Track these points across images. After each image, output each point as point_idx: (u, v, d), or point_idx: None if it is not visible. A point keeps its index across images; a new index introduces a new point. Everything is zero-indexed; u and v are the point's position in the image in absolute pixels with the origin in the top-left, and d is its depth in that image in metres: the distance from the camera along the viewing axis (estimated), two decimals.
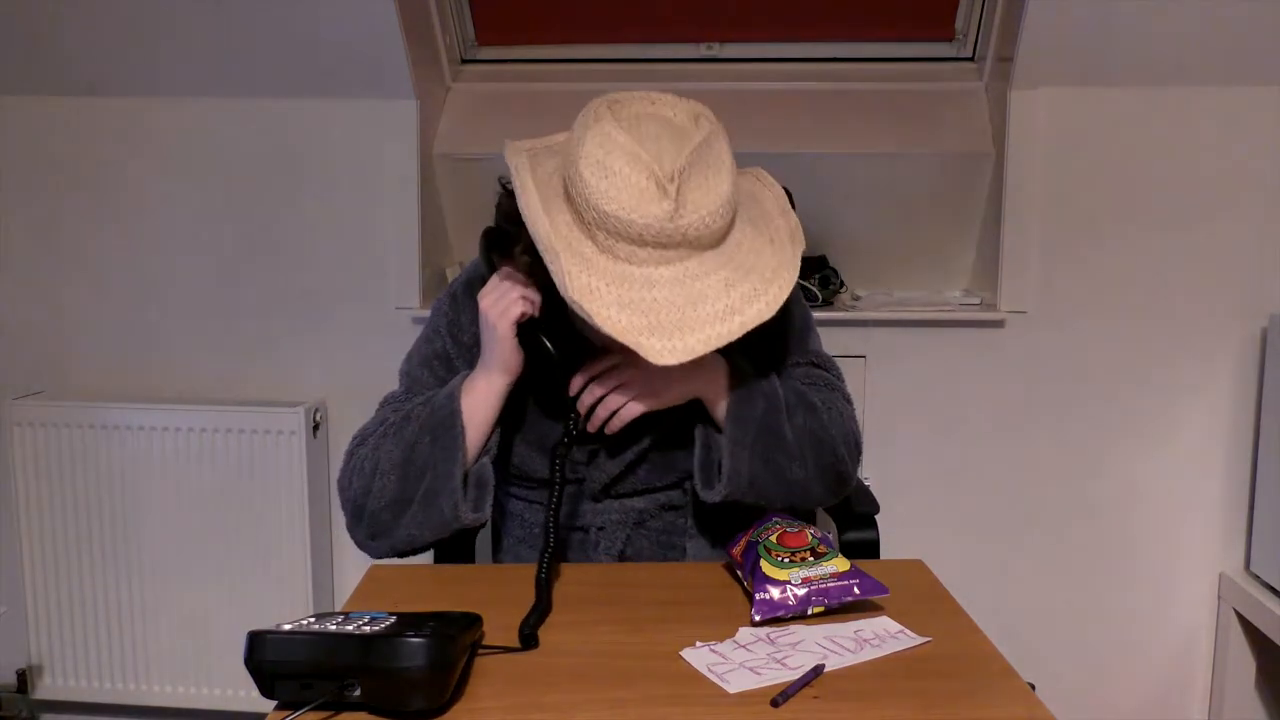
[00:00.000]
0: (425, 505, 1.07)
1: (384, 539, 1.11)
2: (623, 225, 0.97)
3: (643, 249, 0.98)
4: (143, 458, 2.01)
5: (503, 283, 1.08)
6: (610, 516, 1.18)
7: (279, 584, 2.02)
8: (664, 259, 0.99)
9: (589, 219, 0.99)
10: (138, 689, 2.07)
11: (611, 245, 0.98)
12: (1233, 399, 2.02)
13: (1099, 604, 2.08)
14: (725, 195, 1.00)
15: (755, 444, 1.10)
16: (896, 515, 1.47)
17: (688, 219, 0.97)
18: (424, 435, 1.08)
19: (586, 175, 0.98)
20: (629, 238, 0.97)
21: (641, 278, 0.98)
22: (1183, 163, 1.96)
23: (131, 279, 2.10)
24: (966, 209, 2.05)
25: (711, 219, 0.99)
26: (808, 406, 1.14)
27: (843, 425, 1.17)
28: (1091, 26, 1.83)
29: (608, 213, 0.97)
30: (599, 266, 0.99)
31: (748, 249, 1.04)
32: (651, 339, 0.96)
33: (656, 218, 0.96)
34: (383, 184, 2.03)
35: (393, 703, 0.76)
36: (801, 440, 1.12)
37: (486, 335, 1.09)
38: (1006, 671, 0.84)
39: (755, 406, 1.10)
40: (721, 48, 2.09)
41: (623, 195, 0.96)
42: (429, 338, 1.20)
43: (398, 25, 1.85)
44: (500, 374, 1.09)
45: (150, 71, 2.00)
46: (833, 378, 1.22)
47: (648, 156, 0.97)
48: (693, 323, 0.98)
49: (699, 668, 0.83)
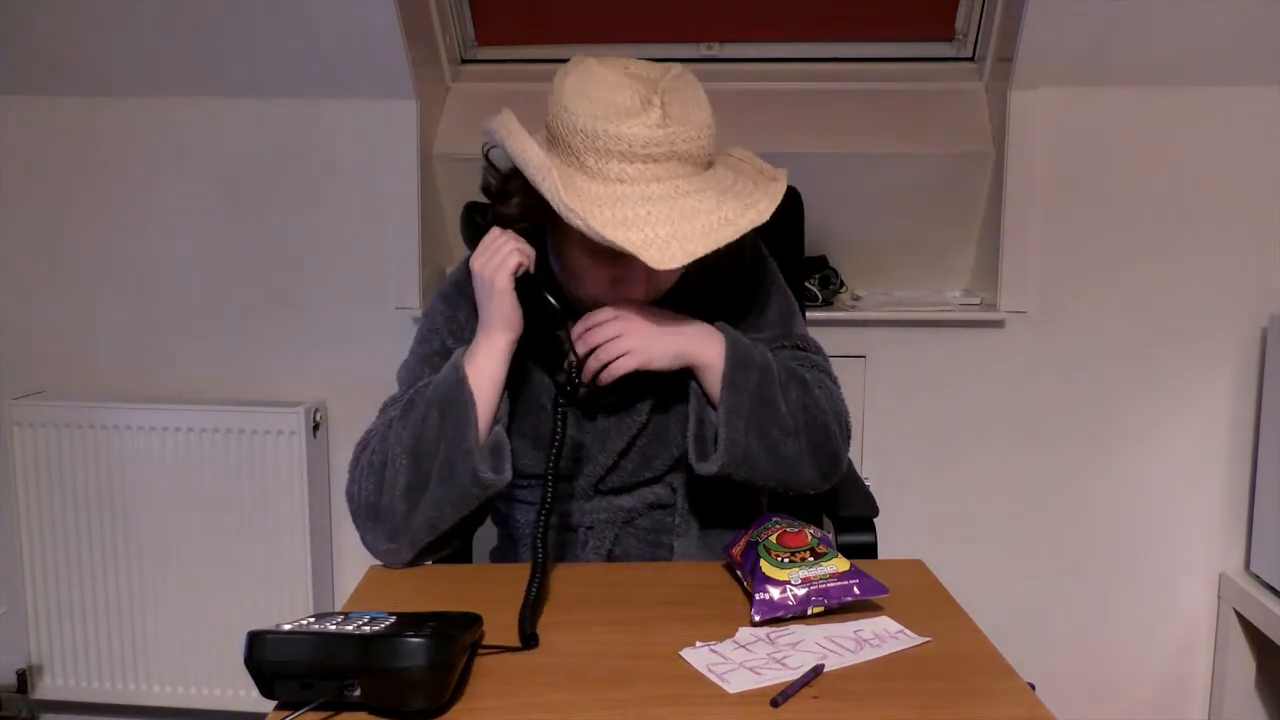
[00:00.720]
0: (443, 479, 1.04)
1: (404, 536, 1.06)
2: (612, 139, 0.98)
3: (633, 165, 0.99)
4: (143, 458, 2.02)
5: (494, 241, 1.08)
6: (599, 516, 1.17)
7: (279, 584, 2.02)
8: (655, 175, 1.00)
9: (578, 145, 1.00)
10: (138, 689, 2.08)
11: (602, 167, 0.99)
12: (1233, 399, 2.02)
13: (1099, 604, 2.08)
14: (708, 118, 1.03)
15: (751, 414, 1.09)
16: (896, 515, 1.47)
17: (676, 129, 0.99)
18: (431, 411, 1.05)
19: (570, 104, 1.00)
20: (619, 153, 0.98)
21: (635, 195, 0.99)
22: (1183, 163, 1.96)
23: (131, 279, 2.10)
24: (966, 209, 2.05)
25: (698, 133, 1.01)
26: (800, 381, 1.13)
27: (833, 403, 1.15)
28: (1091, 26, 1.83)
29: (596, 130, 0.98)
30: (591, 192, 0.99)
31: (731, 179, 1.06)
32: (650, 249, 0.97)
33: (645, 124, 0.98)
34: (383, 184, 2.03)
35: (393, 703, 0.76)
36: (795, 414, 1.11)
37: (483, 294, 1.08)
38: (1006, 671, 0.84)
39: (750, 375, 1.09)
40: (721, 48, 2.09)
41: (610, 110, 0.99)
42: (425, 338, 1.18)
43: (398, 25, 1.85)
44: (501, 331, 1.07)
45: (150, 71, 2.00)
46: (819, 359, 1.21)
47: (629, 79, 1.01)
48: (689, 233, 0.98)
49: (699, 668, 0.83)
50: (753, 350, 1.11)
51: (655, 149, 0.98)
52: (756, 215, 1.02)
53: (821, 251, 2.06)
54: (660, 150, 0.99)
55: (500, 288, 1.06)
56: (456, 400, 1.04)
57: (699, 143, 1.01)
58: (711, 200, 1.01)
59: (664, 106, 0.99)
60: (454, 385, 1.05)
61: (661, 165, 0.99)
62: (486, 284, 1.06)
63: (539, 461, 1.14)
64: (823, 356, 1.22)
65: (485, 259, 1.07)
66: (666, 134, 0.98)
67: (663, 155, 0.99)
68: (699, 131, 1.01)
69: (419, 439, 1.05)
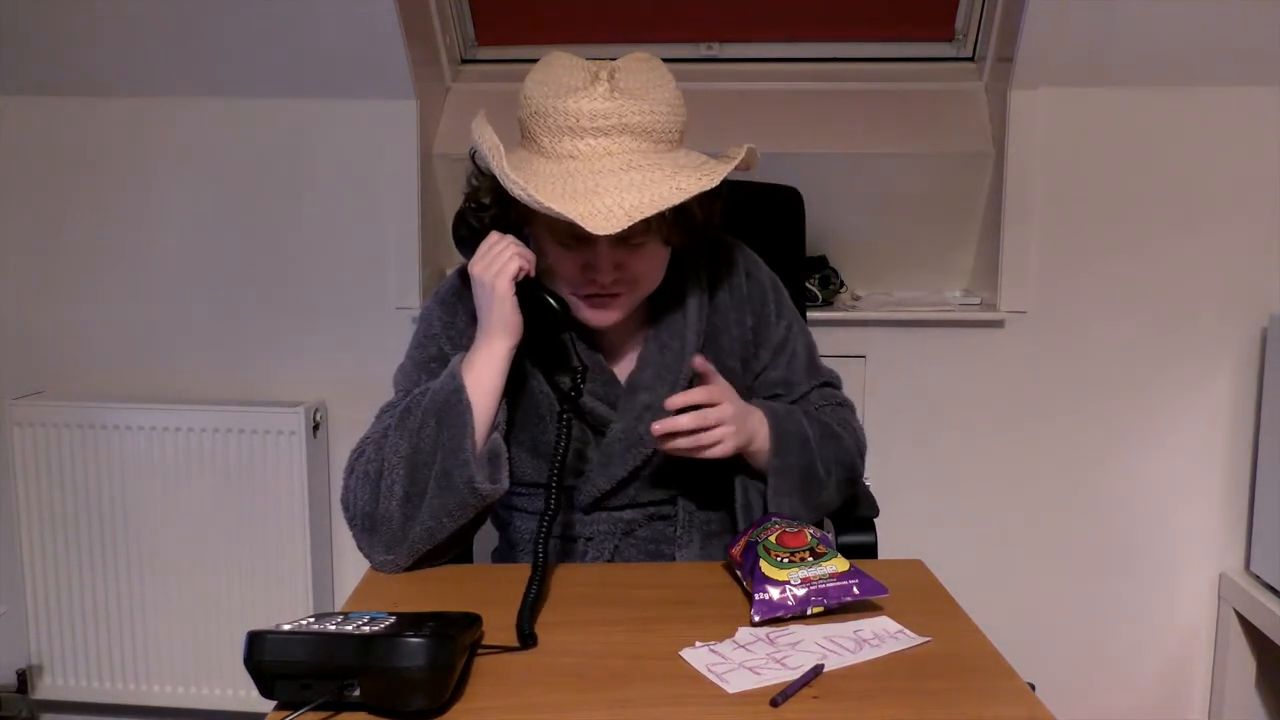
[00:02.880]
0: (440, 488, 1.03)
1: (401, 545, 1.04)
2: (560, 114, 0.99)
3: (584, 140, 1.00)
4: (143, 458, 2.02)
5: (494, 246, 1.07)
6: (599, 527, 1.17)
7: (279, 584, 2.02)
8: (607, 149, 1.00)
9: (535, 129, 1.02)
10: (138, 689, 2.08)
11: (555, 146, 1.01)
12: (1233, 399, 2.02)
13: (1099, 604, 2.08)
14: (669, 96, 1.03)
15: (795, 490, 1.14)
16: (896, 515, 1.47)
17: (625, 102, 0.99)
18: (429, 420, 1.04)
19: (530, 90, 1.03)
20: (568, 129, 1.00)
21: (586, 169, 1.00)
22: (1183, 163, 1.96)
23: (132, 279, 2.10)
24: (966, 209, 2.05)
25: (652, 107, 1.01)
26: (833, 437, 1.19)
27: (856, 440, 1.23)
28: (1091, 26, 1.83)
29: (546, 108, 1.00)
30: (545, 170, 1.00)
31: (697, 159, 1.06)
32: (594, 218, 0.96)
33: (590, 97, 0.99)
34: (383, 184, 2.03)
35: (392, 703, 0.76)
36: (829, 468, 1.17)
37: (483, 299, 1.07)
38: (1006, 671, 0.84)
39: (792, 455, 1.14)
40: (721, 48, 2.09)
41: (560, 88, 1.00)
42: (422, 344, 1.17)
43: (398, 25, 1.85)
44: (502, 337, 1.06)
45: (151, 71, 2.00)
46: (841, 394, 1.28)
47: (584, 62, 1.03)
48: (636, 203, 0.97)
49: (698, 668, 0.83)
50: (790, 424, 1.15)
51: (603, 121, 0.99)
52: (707, 180, 1.01)
53: (821, 251, 2.06)
54: (609, 123, 0.99)
55: (501, 293, 1.05)
56: (454, 408, 1.03)
57: (653, 116, 1.01)
58: (665, 173, 1.00)
59: (612, 80, 1.00)
60: (452, 393, 1.04)
61: (613, 139, 1.00)
62: (487, 289, 1.05)
63: (539, 470, 1.14)
64: (838, 383, 1.29)
65: (485, 263, 1.06)
66: (614, 106, 0.99)
67: (612, 129, 0.99)
68: (653, 105, 1.00)
69: (416, 448, 1.04)
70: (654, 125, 1.01)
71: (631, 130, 1.00)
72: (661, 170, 1.00)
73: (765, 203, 1.55)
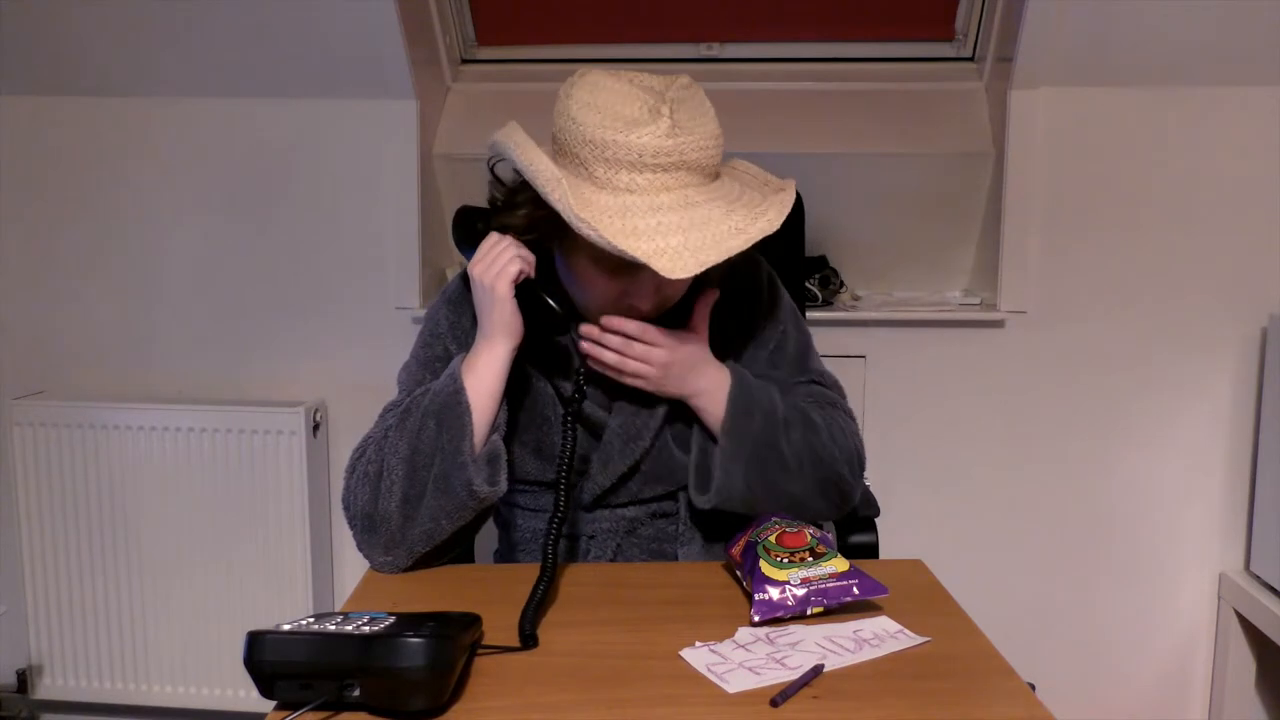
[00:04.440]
0: (439, 490, 1.03)
1: (400, 547, 1.05)
2: (621, 148, 0.97)
3: (643, 175, 0.98)
4: (143, 458, 2.02)
5: (494, 247, 1.07)
6: (601, 525, 1.17)
7: (279, 584, 2.02)
8: (664, 185, 0.99)
9: (586, 156, 0.99)
10: (138, 689, 2.08)
11: (611, 178, 0.99)
12: (1233, 399, 2.02)
13: (1099, 604, 2.08)
14: (716, 129, 1.02)
15: (750, 459, 1.10)
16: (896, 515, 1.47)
17: (685, 138, 0.98)
18: (428, 421, 1.04)
19: (579, 115, 0.99)
20: (629, 163, 0.98)
21: (645, 205, 0.98)
22: (1182, 163, 1.96)
23: (131, 279, 2.10)
24: (966, 209, 2.05)
25: (706, 142, 1.00)
26: (807, 423, 1.13)
27: (845, 442, 1.16)
28: (1091, 26, 1.83)
29: (605, 140, 0.98)
30: (600, 203, 0.99)
31: (738, 190, 1.06)
32: (661, 258, 0.96)
33: (654, 134, 0.97)
34: (383, 184, 2.03)
35: (392, 703, 0.76)
36: (800, 456, 1.12)
37: (483, 301, 1.06)
38: (1006, 671, 0.84)
39: (752, 422, 1.10)
40: (721, 48, 2.09)
41: (619, 120, 0.98)
42: (428, 343, 1.17)
43: (398, 25, 1.85)
44: (502, 339, 1.06)
45: (150, 71, 2.00)
46: (835, 395, 1.21)
47: (637, 90, 1.00)
48: (699, 242, 0.98)
49: (698, 668, 0.83)
50: (759, 394, 1.12)
51: (665, 159, 0.98)
52: (766, 224, 1.02)
53: (821, 251, 2.06)
54: (670, 160, 0.98)
55: (501, 295, 1.05)
56: (453, 410, 1.04)
57: (707, 152, 1.01)
58: (721, 210, 1.01)
59: (673, 115, 0.98)
60: (451, 394, 1.04)
61: (670, 175, 0.99)
62: (487, 291, 1.05)
63: (542, 470, 1.14)
64: (839, 391, 1.22)
65: (485, 265, 1.06)
66: (676, 144, 0.98)
67: (672, 165, 0.98)
68: (707, 141, 1.00)
69: (415, 449, 1.04)
70: (708, 161, 1.01)
71: (689, 166, 0.99)
72: (717, 207, 1.01)
73: None
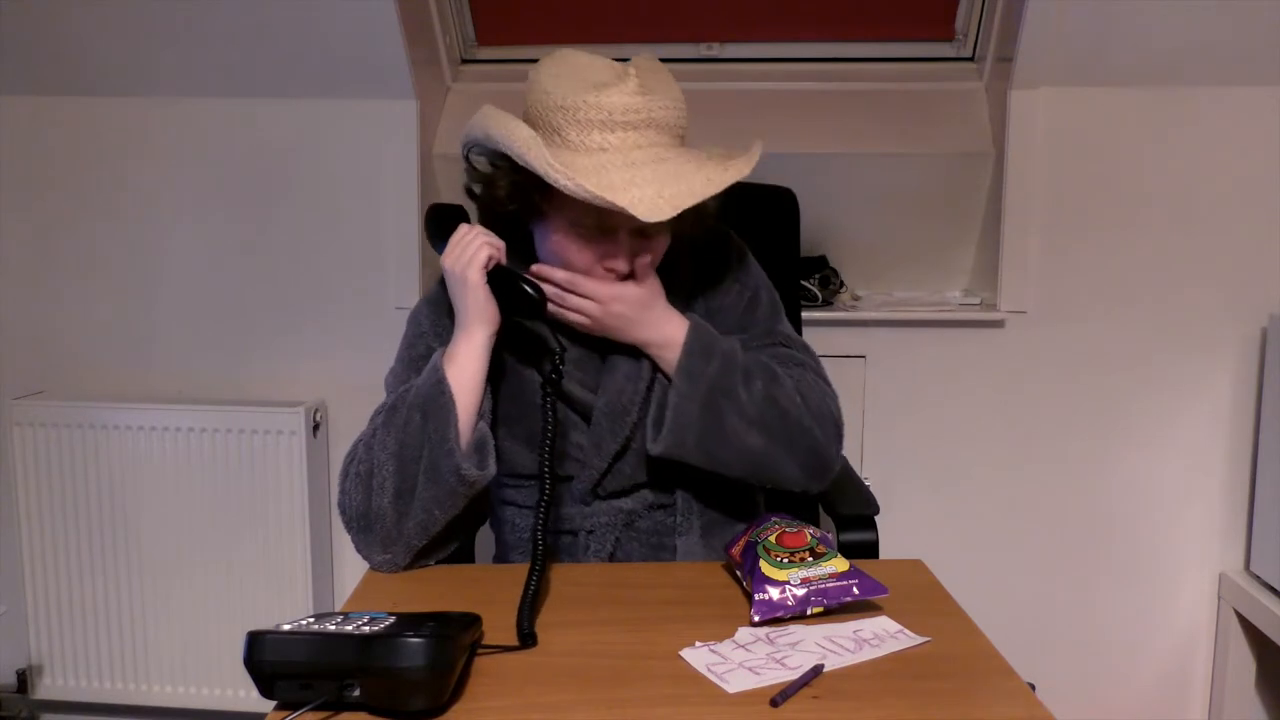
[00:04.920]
0: (429, 480, 1.04)
1: (397, 543, 1.06)
2: (592, 108, 1.02)
3: (615, 133, 1.02)
4: (143, 458, 2.02)
5: (463, 238, 1.09)
6: (599, 519, 1.17)
7: (279, 584, 2.02)
8: (637, 143, 1.03)
9: (559, 122, 1.04)
10: (138, 689, 2.08)
11: (585, 139, 1.03)
12: (1233, 399, 2.02)
13: (1099, 604, 2.08)
14: (679, 95, 1.07)
15: (706, 404, 1.09)
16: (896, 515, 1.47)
17: (653, 98, 1.03)
18: (414, 414, 1.05)
19: (549, 85, 1.05)
20: (600, 122, 1.02)
21: (619, 162, 1.02)
22: (1183, 163, 1.96)
23: (131, 279, 2.10)
24: (966, 209, 2.05)
25: (674, 103, 1.05)
26: (769, 374, 1.13)
27: (816, 400, 1.14)
28: (1091, 26, 1.83)
29: (577, 103, 1.02)
30: (576, 163, 1.02)
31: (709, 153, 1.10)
32: (639, 206, 0.99)
33: (623, 92, 1.02)
34: (383, 184, 2.03)
35: (392, 703, 0.76)
36: (762, 406, 1.10)
37: (456, 291, 1.08)
38: (1006, 671, 0.84)
39: (709, 365, 1.10)
40: (721, 48, 2.09)
41: (587, 83, 1.03)
42: (411, 343, 1.18)
43: (398, 25, 1.85)
44: (479, 326, 1.08)
45: (150, 71, 2.00)
46: (804, 357, 1.19)
47: (603, 60, 1.06)
48: (674, 193, 1.01)
49: (698, 667, 0.84)
50: (719, 342, 1.13)
51: (634, 115, 1.02)
52: (736, 172, 1.06)
53: (821, 251, 2.06)
54: (639, 117, 1.02)
55: (473, 282, 1.06)
56: (437, 400, 1.05)
57: (675, 113, 1.05)
58: (693, 165, 1.05)
59: (639, 77, 1.03)
60: (434, 386, 1.05)
61: (641, 133, 1.03)
62: (458, 280, 1.07)
63: (535, 461, 1.14)
64: (810, 355, 1.21)
65: (455, 255, 1.08)
66: (645, 101, 1.02)
67: (642, 123, 1.03)
68: (674, 102, 1.05)
69: (403, 444, 1.05)
70: (674, 120, 1.05)
71: (658, 125, 1.03)
72: (688, 163, 1.05)
73: (760, 203, 1.55)
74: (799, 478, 1.14)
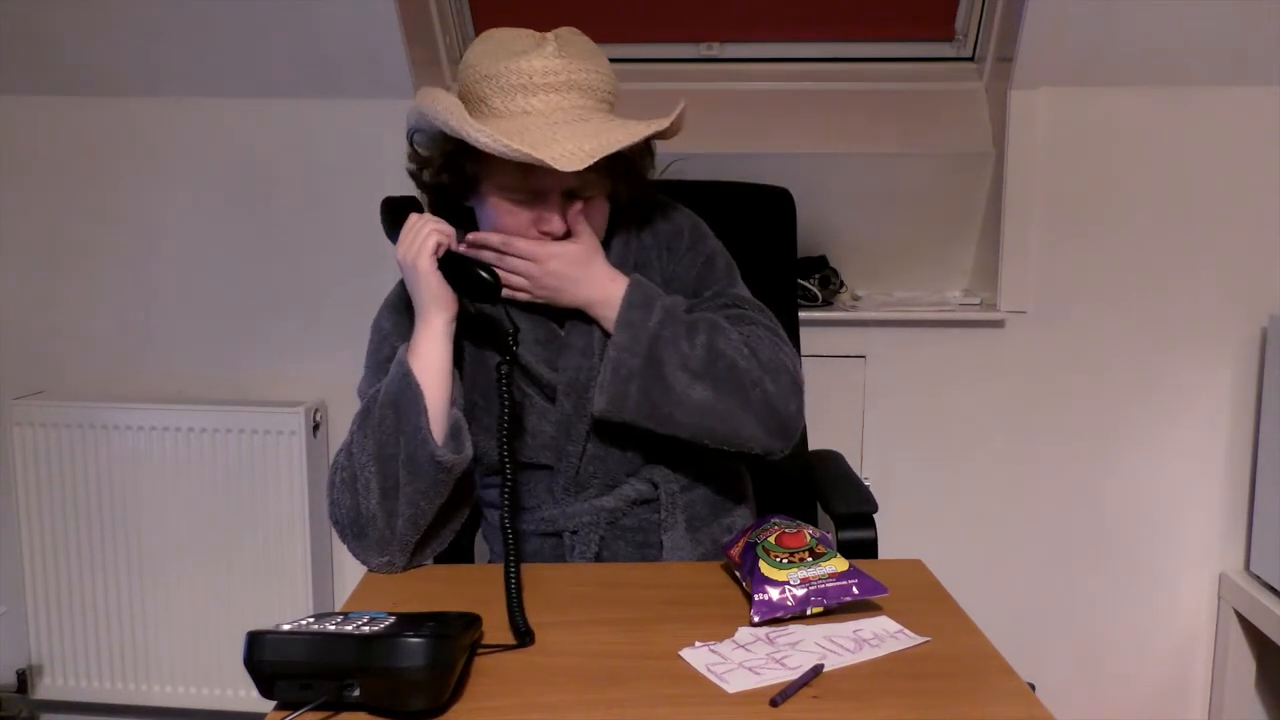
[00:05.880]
0: (409, 473, 1.03)
1: (392, 543, 1.05)
2: (512, 72, 1.05)
3: (537, 96, 1.05)
4: (143, 458, 2.02)
5: (412, 228, 1.10)
6: (582, 519, 1.16)
7: (279, 584, 2.02)
8: (559, 105, 1.06)
9: (484, 92, 1.07)
10: (138, 689, 2.08)
11: (508, 104, 1.06)
12: (1233, 399, 2.02)
13: (1099, 604, 2.08)
14: (604, 63, 1.10)
15: (647, 358, 1.07)
16: (896, 515, 1.47)
17: (573, 61, 1.06)
18: (387, 412, 1.05)
19: (474, 59, 1.09)
20: (521, 86, 1.05)
21: (541, 123, 1.04)
22: (1183, 163, 1.96)
23: (131, 279, 2.10)
24: (966, 209, 2.05)
25: (596, 68, 1.08)
26: (713, 327, 1.10)
27: (768, 353, 1.10)
28: (1091, 26, 1.83)
29: (498, 70, 1.06)
30: (500, 127, 1.04)
31: (633, 119, 1.10)
32: (556, 160, 1.00)
33: (541, 55, 1.05)
34: (383, 184, 2.02)
35: (392, 703, 0.76)
36: (708, 359, 1.08)
37: (410, 281, 1.09)
38: (1006, 671, 0.84)
39: (648, 316, 1.09)
40: (721, 48, 2.09)
41: (509, 52, 1.06)
42: (377, 348, 1.18)
43: (397, 25, 1.85)
44: (435, 313, 1.08)
45: (150, 71, 2.00)
46: (757, 316, 1.16)
47: (526, 31, 1.10)
48: (592, 145, 1.02)
49: (698, 667, 0.83)
50: (660, 296, 1.12)
51: (554, 78, 1.05)
52: (654, 125, 1.08)
53: (821, 251, 2.06)
54: (559, 79, 1.05)
55: (423, 270, 1.07)
56: (405, 393, 1.05)
57: (597, 77, 1.08)
58: (615, 124, 1.06)
59: (558, 42, 1.07)
60: (401, 379, 1.05)
61: (563, 95, 1.06)
62: (410, 269, 1.08)
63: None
64: (765, 315, 1.17)
65: (405, 246, 1.09)
66: (564, 64, 1.05)
67: (563, 85, 1.05)
68: (596, 67, 1.08)
69: (380, 442, 1.05)
70: (599, 84, 1.08)
71: (579, 87, 1.06)
72: (610, 121, 1.07)
73: (756, 204, 1.55)
74: (758, 436, 1.10)
